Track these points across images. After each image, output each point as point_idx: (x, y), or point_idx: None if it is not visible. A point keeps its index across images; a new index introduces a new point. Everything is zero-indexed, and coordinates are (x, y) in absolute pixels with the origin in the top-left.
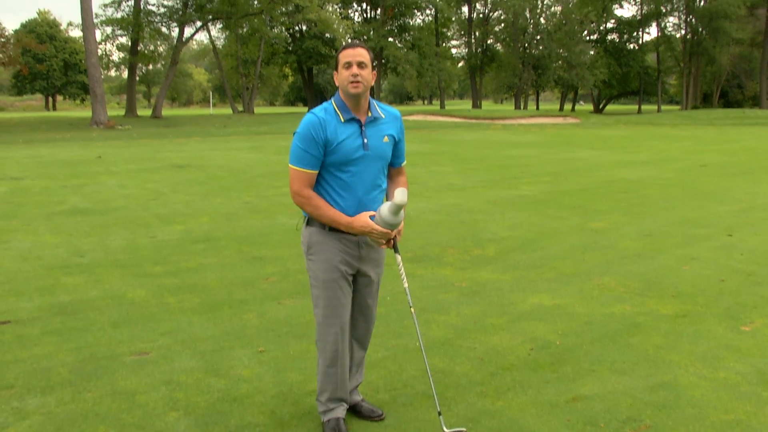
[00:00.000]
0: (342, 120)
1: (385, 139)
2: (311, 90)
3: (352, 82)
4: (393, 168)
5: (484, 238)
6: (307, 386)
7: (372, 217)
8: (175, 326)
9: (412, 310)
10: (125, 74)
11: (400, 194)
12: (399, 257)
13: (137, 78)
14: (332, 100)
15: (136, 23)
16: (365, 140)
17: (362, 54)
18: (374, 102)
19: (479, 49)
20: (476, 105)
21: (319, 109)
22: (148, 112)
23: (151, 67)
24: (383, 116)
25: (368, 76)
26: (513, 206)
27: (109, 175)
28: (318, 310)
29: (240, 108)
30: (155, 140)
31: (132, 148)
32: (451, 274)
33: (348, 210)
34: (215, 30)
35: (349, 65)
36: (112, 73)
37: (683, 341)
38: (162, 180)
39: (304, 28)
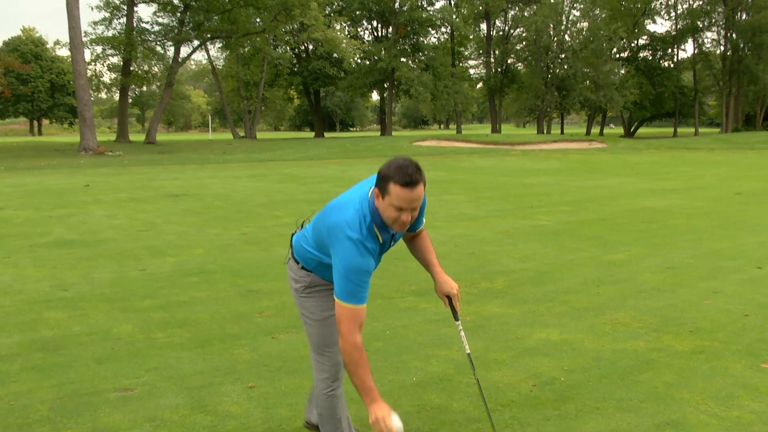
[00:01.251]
0: (380, 241)
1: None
2: (318, 114)
3: (397, 224)
4: (412, 233)
5: (493, 271)
6: (296, 423)
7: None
8: (162, 362)
9: (476, 376)
10: (117, 96)
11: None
12: (459, 324)
13: (130, 100)
14: (371, 216)
15: (129, 42)
16: (392, 243)
17: (419, 196)
18: None
19: (499, 69)
20: (495, 129)
21: (363, 236)
22: (142, 137)
23: (144, 88)
24: None
25: (416, 213)
26: (527, 237)
27: (97, 204)
28: (318, 348)
29: (241, 133)
30: (149, 168)
31: (123, 176)
32: None
33: None
34: (214, 49)
35: (401, 209)
36: (103, 95)
37: (697, 378)
38: (155, 210)
39: (311, 47)
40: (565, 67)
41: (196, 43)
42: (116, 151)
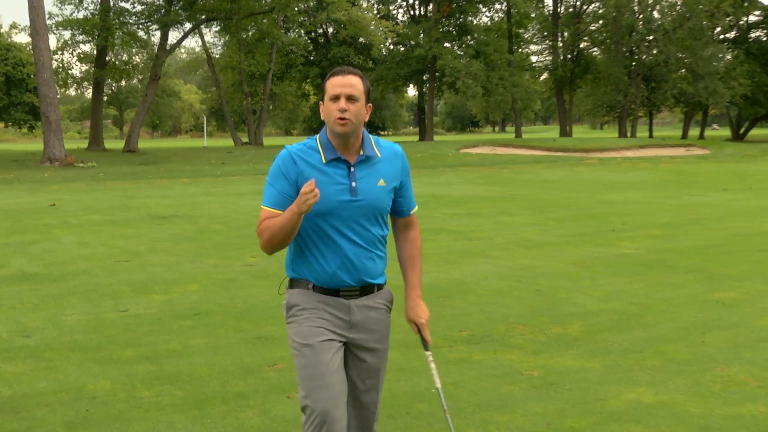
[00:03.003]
0: (324, 161)
1: (381, 182)
2: None
3: (338, 119)
4: (400, 219)
5: (566, 313)
6: None
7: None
8: (149, 427)
9: (447, 414)
10: (89, 93)
11: None
12: (429, 354)
13: (105, 98)
14: (317, 136)
15: (104, 26)
16: (353, 184)
17: (353, 84)
18: (370, 137)
19: (569, 56)
20: (564, 132)
21: (297, 144)
22: (120, 144)
23: (123, 83)
24: (379, 154)
25: (360, 111)
26: (608, 270)
27: (65, 228)
28: (300, 387)
29: (244, 139)
30: (129, 182)
31: (97, 193)
32: (519, 360)
33: (332, 268)
34: (210, 34)
35: (336, 98)
36: (72, 91)
37: None
38: (137, 235)
39: (330, 30)
40: (654, 52)
41: (187, 26)
42: (88, 162)
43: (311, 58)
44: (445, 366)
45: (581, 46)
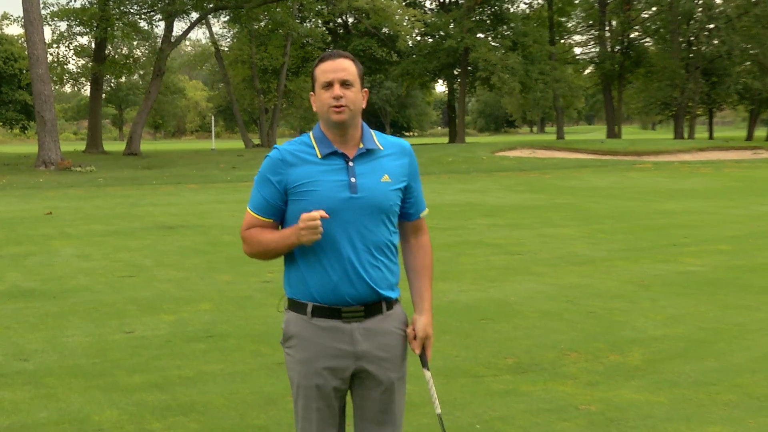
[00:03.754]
0: (319, 156)
1: (385, 178)
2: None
3: (333, 107)
4: (408, 222)
5: (624, 338)
6: None
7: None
8: None
9: None
10: (86, 91)
11: None
12: (428, 373)
13: (104, 96)
14: (311, 132)
15: (103, 16)
16: (352, 179)
17: (346, 68)
18: (370, 131)
19: (618, 48)
20: (612, 133)
21: (289, 142)
22: (121, 147)
23: (124, 79)
24: (382, 147)
25: (356, 97)
26: (671, 290)
27: (64, 240)
28: (297, 425)
29: (255, 140)
30: (131, 188)
31: (97, 200)
32: (573, 392)
33: (332, 279)
34: (219, 24)
35: (328, 85)
36: (68, 88)
37: None
38: (142, 248)
39: (351, 20)
40: (715, 42)
41: (194, 15)
42: (87, 166)
43: (330, 50)
44: (490, 398)
45: (632, 36)
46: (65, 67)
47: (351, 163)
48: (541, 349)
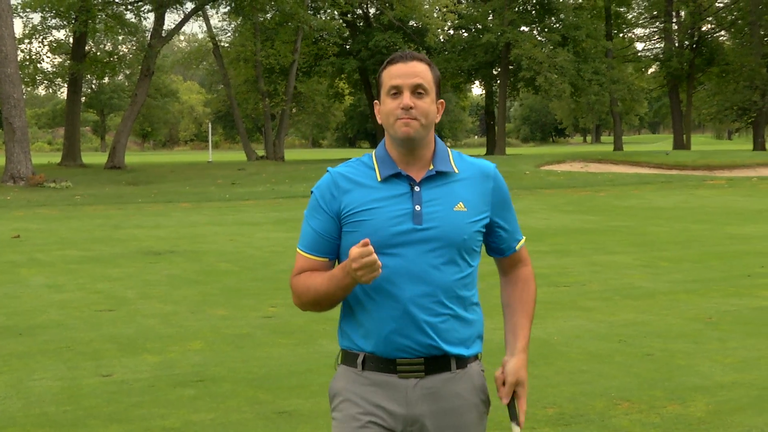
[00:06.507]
0: (379, 179)
1: (459, 206)
2: None
3: (401, 119)
4: (504, 258)
5: (686, 386)
6: None
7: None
8: None
9: None
10: (63, 93)
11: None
12: (517, 429)
13: (83, 99)
14: (374, 151)
15: (83, 7)
16: (417, 207)
17: (419, 72)
18: (446, 148)
19: (687, 43)
20: (680, 143)
21: (345, 163)
22: (102, 159)
23: (107, 80)
24: (457, 171)
25: (429, 108)
26: (743, 328)
27: (33, 267)
28: None
29: (260, 152)
30: (113, 208)
31: (73, 222)
32: None
33: (387, 328)
34: (218, 17)
35: (397, 92)
36: (41, 90)
37: None
38: (124, 277)
39: (372, 11)
40: None
41: (189, 6)
42: (62, 181)
43: (347, 47)
44: None
45: (704, 28)
46: (38, 65)
47: (417, 188)
48: (588, 398)
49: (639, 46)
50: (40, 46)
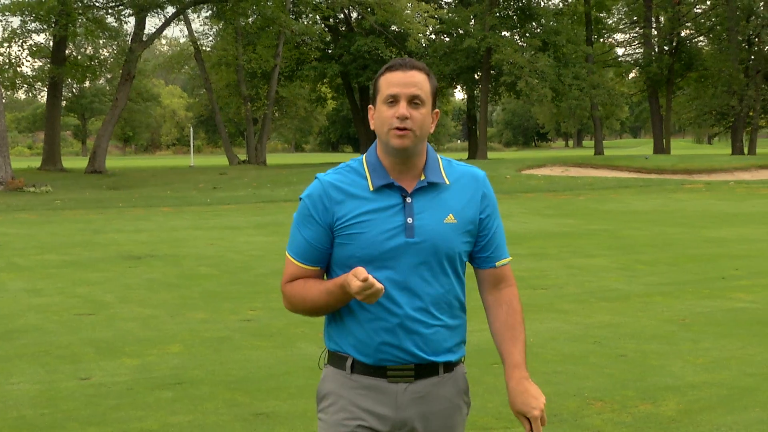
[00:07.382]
0: (371, 188)
1: (449, 218)
2: (366, 124)
3: (396, 129)
4: (485, 272)
5: (658, 385)
6: None
7: None
8: None
9: None
10: (43, 97)
11: None
12: None
13: (64, 103)
14: (364, 156)
15: (63, 10)
16: (409, 220)
17: (418, 82)
18: (437, 158)
19: (666, 48)
20: (660, 147)
21: (335, 170)
22: (83, 163)
23: (88, 84)
24: (448, 181)
25: (424, 120)
26: (716, 329)
27: (12, 272)
28: None
29: (242, 156)
30: (94, 212)
31: (53, 226)
32: None
33: (377, 338)
34: (199, 21)
35: (393, 100)
36: (21, 95)
37: None
38: (103, 281)
39: (354, 16)
40: None
41: (170, 10)
42: (42, 186)
43: (329, 51)
44: None
45: (683, 34)
46: (18, 69)
47: (409, 199)
48: (562, 398)
49: (619, 51)
50: (19, 50)
